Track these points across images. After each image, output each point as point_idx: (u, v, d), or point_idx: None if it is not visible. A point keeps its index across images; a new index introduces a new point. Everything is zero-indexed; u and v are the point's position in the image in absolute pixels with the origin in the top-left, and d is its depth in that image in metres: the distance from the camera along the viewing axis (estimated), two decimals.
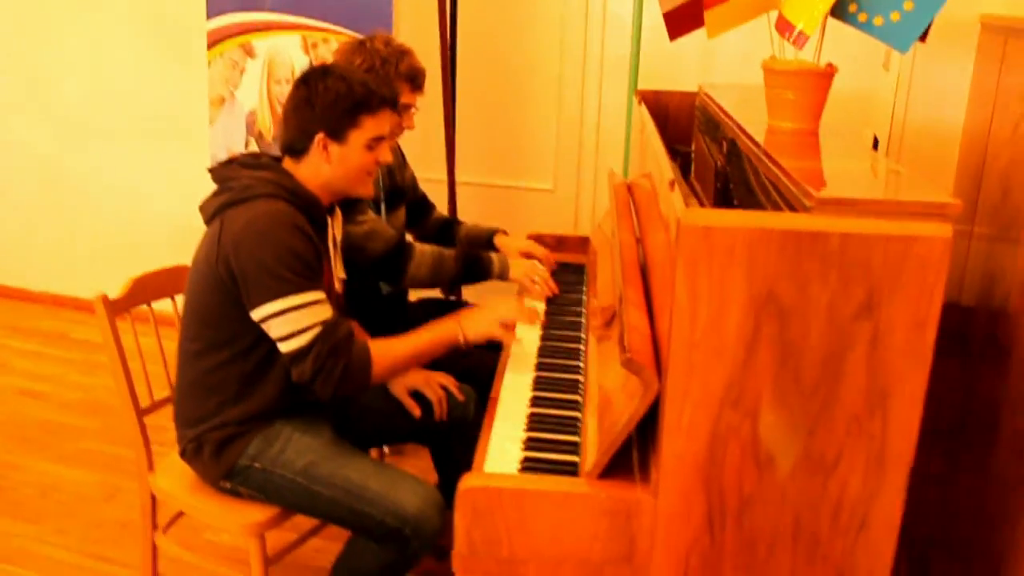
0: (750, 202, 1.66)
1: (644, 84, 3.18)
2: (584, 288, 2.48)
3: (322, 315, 1.78)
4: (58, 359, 3.80)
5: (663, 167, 1.69)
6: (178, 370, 1.94)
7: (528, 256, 2.53)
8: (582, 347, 2.08)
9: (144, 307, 2.12)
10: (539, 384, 1.89)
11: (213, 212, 1.83)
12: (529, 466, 1.55)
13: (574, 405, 1.80)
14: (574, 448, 1.62)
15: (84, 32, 4.02)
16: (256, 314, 1.77)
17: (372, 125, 1.86)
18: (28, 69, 4.17)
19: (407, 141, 2.58)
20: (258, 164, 1.86)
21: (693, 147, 2.64)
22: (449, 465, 2.26)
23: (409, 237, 2.72)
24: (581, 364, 1.99)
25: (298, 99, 1.85)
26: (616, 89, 3.42)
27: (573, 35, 3.42)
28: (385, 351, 1.87)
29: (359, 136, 1.85)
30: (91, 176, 4.19)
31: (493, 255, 2.40)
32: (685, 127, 2.74)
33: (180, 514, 2.16)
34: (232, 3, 3.08)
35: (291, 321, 1.75)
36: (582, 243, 2.84)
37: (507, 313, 1.98)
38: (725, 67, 3.27)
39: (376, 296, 2.49)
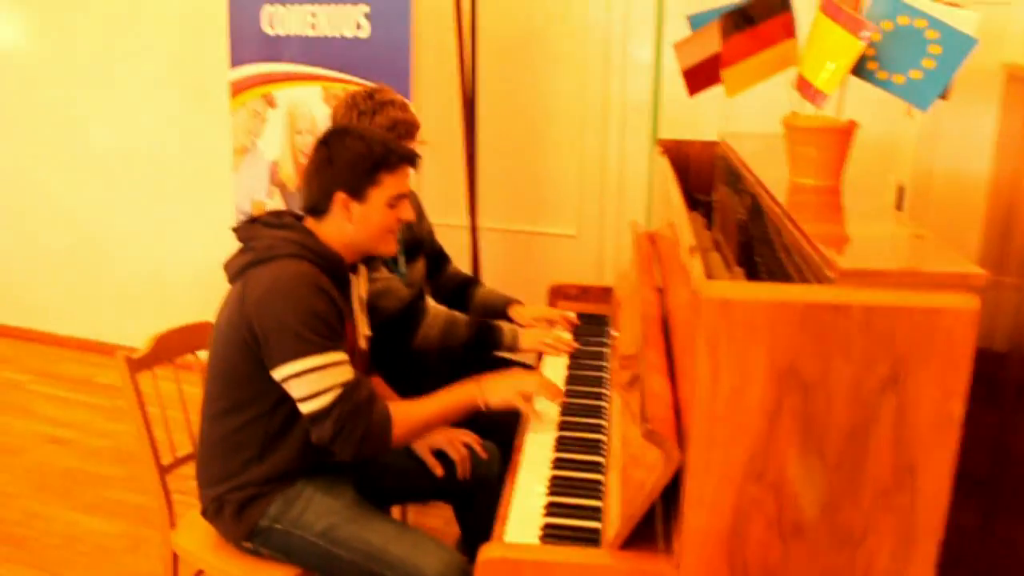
0: (773, 262, 1.65)
1: (666, 129, 3.19)
2: (607, 340, 2.46)
3: (343, 376, 1.77)
4: (84, 404, 3.82)
5: (683, 231, 1.67)
6: (201, 429, 1.95)
7: (543, 322, 2.53)
8: (605, 404, 2.06)
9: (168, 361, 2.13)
10: (562, 444, 1.87)
11: (236, 272, 1.84)
12: (551, 533, 1.53)
13: (597, 467, 1.78)
14: (596, 514, 1.60)
15: (112, 82, 4.09)
16: (277, 374, 1.77)
17: (392, 183, 1.87)
18: (58, 119, 4.24)
19: (428, 186, 2.59)
20: (280, 224, 1.88)
21: (715, 196, 2.63)
22: (472, 522, 2.24)
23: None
24: (604, 422, 1.97)
25: (319, 160, 1.86)
26: (638, 134, 3.43)
27: (594, 81, 3.43)
28: (405, 414, 1.87)
29: (379, 194, 1.86)
30: (117, 222, 4.25)
31: (505, 325, 2.40)
32: (707, 176, 2.73)
33: (201, 572, 2.15)
34: (253, 54, 3.12)
35: (311, 382, 1.75)
36: (605, 293, 2.82)
37: (529, 387, 1.96)
38: (748, 113, 3.25)
39: (403, 350, 2.48)
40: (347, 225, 1.87)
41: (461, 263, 3.36)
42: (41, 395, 3.91)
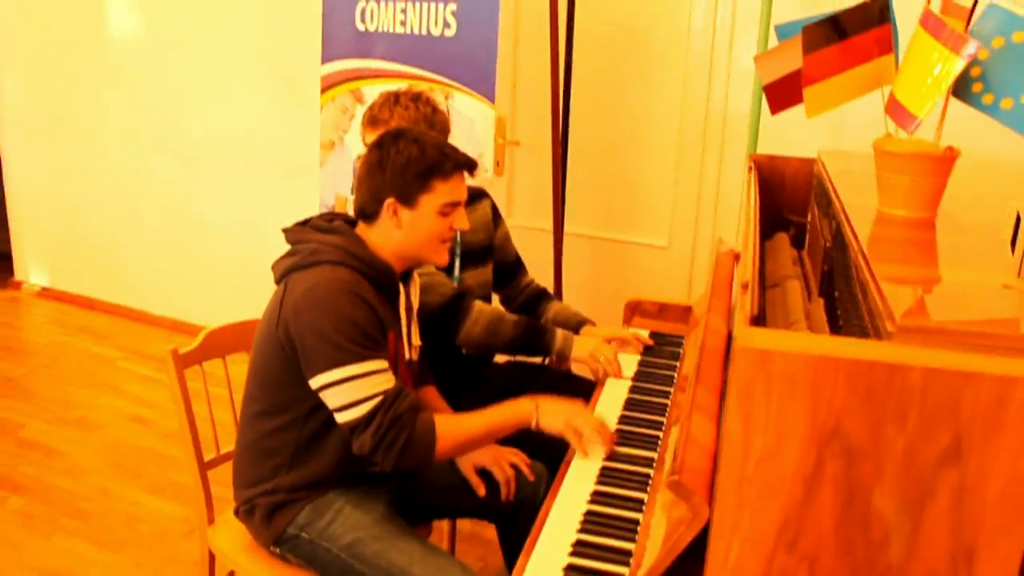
0: (849, 300, 1.49)
1: (768, 142, 3.00)
2: (677, 365, 2.32)
3: (382, 385, 1.71)
4: (168, 386, 3.88)
5: (745, 261, 1.53)
6: (239, 430, 1.91)
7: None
8: (661, 435, 1.93)
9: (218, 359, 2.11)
10: (605, 476, 1.75)
11: (281, 274, 1.80)
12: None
13: (638, 505, 1.65)
14: (626, 559, 1.48)
15: (214, 73, 4.16)
16: (314, 382, 1.71)
17: (445, 190, 1.79)
18: (165, 107, 4.35)
19: (518, 188, 2.50)
20: (329, 228, 1.82)
21: (808, 218, 2.45)
22: (514, 547, 2.14)
23: (496, 302, 2.64)
24: (656, 456, 1.84)
25: (371, 163, 1.80)
26: (738, 145, 3.25)
27: (695, 87, 3.27)
28: (451, 427, 1.78)
29: (430, 201, 1.78)
30: (213, 209, 4.32)
31: (559, 331, 2.27)
32: (802, 194, 2.55)
33: (233, 573, 2.12)
34: (345, 49, 3.09)
35: (349, 391, 1.69)
36: (685, 313, 2.68)
37: (584, 425, 1.82)
38: (857, 130, 3.05)
39: (458, 358, 2.41)
40: (396, 232, 1.80)
41: (545, 268, 3.27)
42: (129, 373, 4.01)
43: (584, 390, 2.54)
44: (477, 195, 2.53)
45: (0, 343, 4.29)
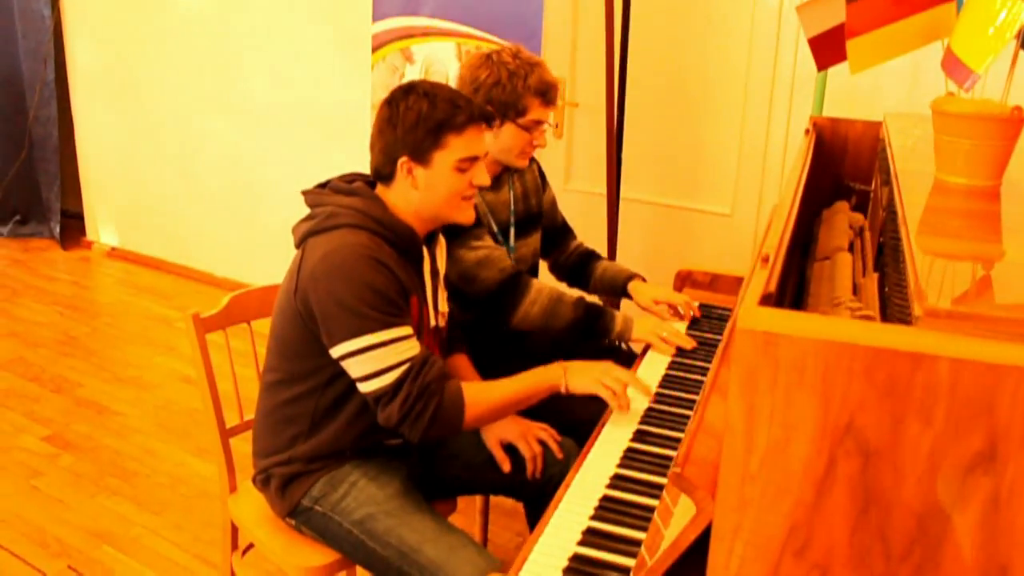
0: (895, 277, 1.35)
1: (838, 107, 2.81)
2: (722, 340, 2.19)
3: (408, 352, 1.64)
4: (221, 347, 3.91)
5: (773, 231, 1.39)
6: (259, 398, 1.86)
7: (663, 305, 2.27)
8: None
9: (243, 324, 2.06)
10: (627, 458, 1.64)
11: (299, 238, 1.73)
12: (575, 568, 1.33)
13: (657, 491, 1.54)
14: (635, 550, 1.38)
15: (268, 34, 4.12)
16: (336, 352, 1.64)
17: (460, 145, 1.69)
18: (220, 69, 4.33)
19: (577, 151, 2.38)
20: (349, 190, 1.74)
21: (872, 185, 2.28)
22: None
23: (544, 268, 2.53)
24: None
25: (382, 121, 1.71)
26: (808, 108, 3.05)
27: (762, 45, 3.09)
28: (480, 394, 1.72)
29: (445, 157, 1.69)
30: (270, 170, 4.30)
31: (617, 314, 2.15)
32: (867, 160, 2.37)
33: (251, 545, 2.09)
34: (395, 7, 3.00)
35: (373, 360, 1.62)
36: (738, 284, 2.53)
37: (619, 378, 1.77)
38: (938, 90, 2.82)
39: (496, 330, 2.30)
40: (413, 192, 1.71)
41: (599, 234, 3.15)
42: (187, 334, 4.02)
43: (627, 362, 2.43)
44: None
45: (68, 302, 4.37)
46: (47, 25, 4.71)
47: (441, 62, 2.94)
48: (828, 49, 1.64)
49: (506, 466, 1.87)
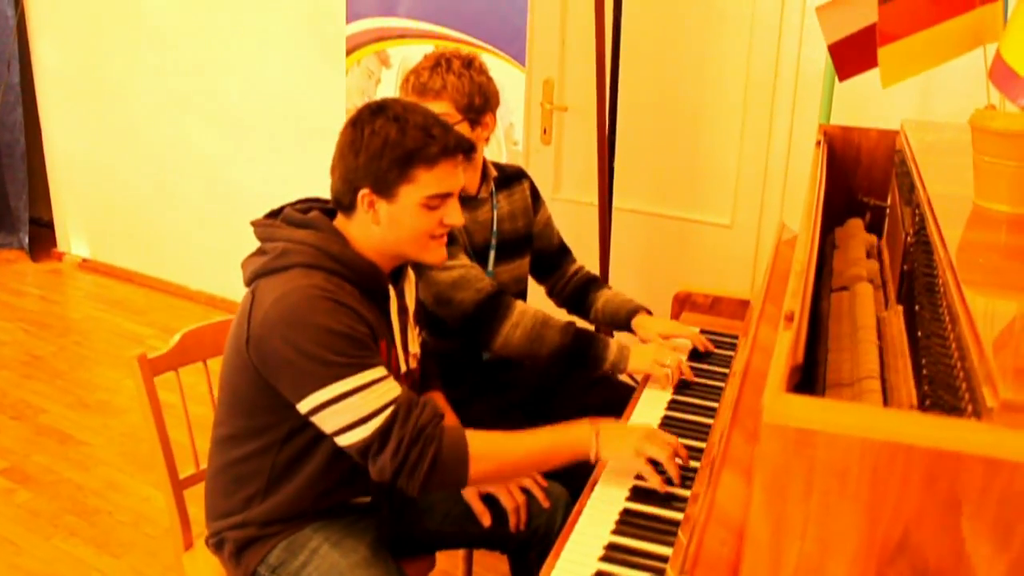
0: (934, 324, 1.15)
1: (845, 112, 2.62)
2: (727, 374, 1.99)
3: (389, 394, 1.42)
4: (198, 370, 3.71)
5: (798, 273, 1.19)
6: (209, 454, 1.66)
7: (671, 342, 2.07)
8: (696, 469, 1.61)
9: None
10: (623, 522, 1.44)
11: (249, 277, 1.53)
12: None
13: (660, 564, 1.35)
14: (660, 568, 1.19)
15: (242, 36, 3.92)
16: (304, 406, 1.42)
17: (430, 180, 1.48)
18: (194, 73, 4.13)
19: (567, 158, 2.17)
20: (303, 222, 1.53)
21: (889, 201, 2.09)
22: None
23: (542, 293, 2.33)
24: (688, 496, 1.53)
25: (344, 144, 1.50)
26: (812, 114, 2.86)
27: (763, 44, 2.89)
28: (489, 445, 1.47)
29: (412, 193, 1.48)
30: (246, 178, 4.11)
31: (612, 342, 1.94)
32: (882, 173, 2.18)
33: None
34: (370, 7, 2.81)
35: (350, 409, 1.40)
36: (741, 307, 2.34)
37: (660, 453, 1.48)
38: (955, 97, 2.63)
39: (475, 359, 2.11)
40: (374, 227, 1.51)
41: (590, 246, 2.95)
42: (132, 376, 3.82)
43: (625, 397, 2.24)
44: (514, 176, 2.20)
45: (35, 318, 4.17)
46: (10, 25, 4.50)
47: None
48: (852, 56, 1.45)
49: (486, 520, 1.67)
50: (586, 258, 2.98)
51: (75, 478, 2.90)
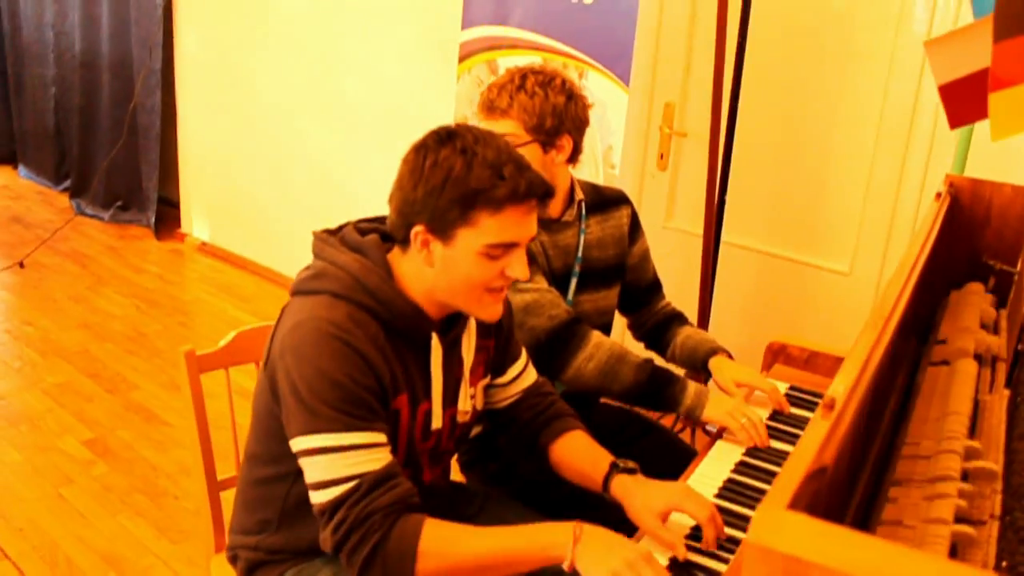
0: None
1: (985, 164, 2.37)
2: None
3: (364, 466, 1.27)
4: (250, 372, 3.75)
5: (856, 355, 1.03)
6: (240, 465, 1.60)
7: (744, 390, 1.90)
8: None
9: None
10: None
11: (291, 291, 1.44)
12: None
13: None
14: None
15: (366, 36, 3.92)
16: (292, 446, 1.33)
17: (492, 227, 1.31)
18: (318, 66, 4.17)
19: (682, 186, 2.02)
20: (356, 244, 1.40)
21: (1019, 267, 1.85)
22: None
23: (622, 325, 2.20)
24: None
25: (404, 171, 1.36)
26: (950, 165, 2.61)
27: (901, 84, 2.67)
28: (444, 544, 1.28)
29: (471, 238, 1.31)
30: (355, 179, 4.11)
31: (691, 385, 1.79)
32: (1013, 234, 1.95)
33: None
34: (485, 15, 2.74)
35: (322, 466, 1.28)
36: (839, 365, 2.13)
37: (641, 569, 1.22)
38: None
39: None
40: (427, 269, 1.36)
41: (697, 280, 2.80)
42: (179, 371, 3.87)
43: (682, 450, 2.08)
44: (613, 201, 2.06)
45: (147, 296, 4.29)
46: (158, 13, 4.66)
47: None
48: (964, 101, 1.26)
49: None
50: (691, 292, 2.83)
51: (151, 458, 2.93)
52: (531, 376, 1.67)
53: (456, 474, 2.03)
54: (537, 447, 1.62)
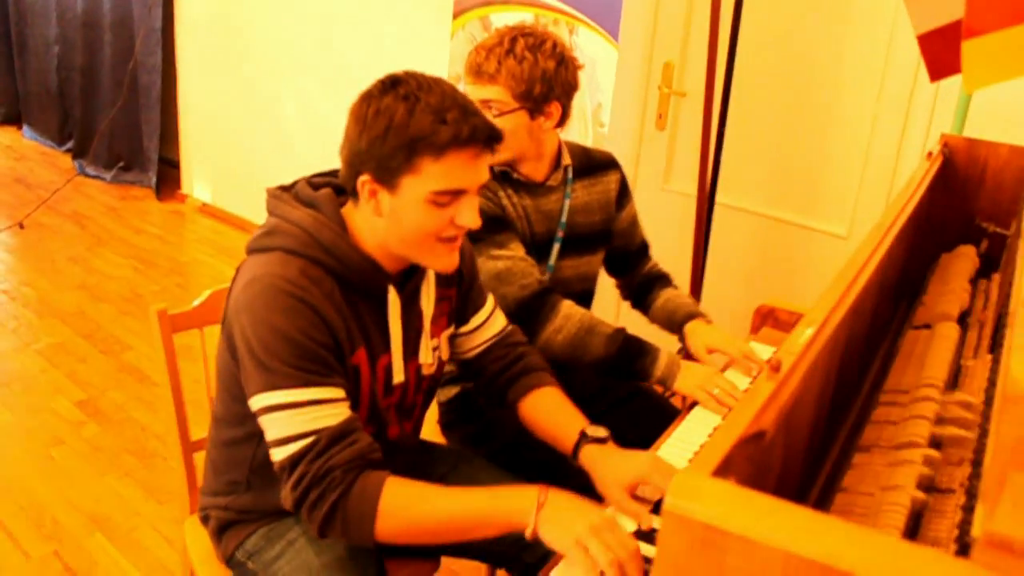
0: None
1: (985, 124, 2.31)
2: None
3: (321, 421, 1.25)
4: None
5: (809, 318, 0.98)
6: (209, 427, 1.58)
7: (716, 355, 1.86)
8: None
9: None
10: None
11: (247, 249, 1.41)
12: None
13: None
14: None
15: None
16: (251, 405, 1.30)
17: (436, 173, 1.27)
18: (318, 27, 4.11)
19: (680, 146, 1.96)
20: (310, 200, 1.38)
21: (1012, 229, 1.80)
22: None
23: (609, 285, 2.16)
24: None
25: (349, 121, 1.33)
26: (950, 120, 2.55)
27: (904, 44, 2.59)
28: (406, 502, 1.25)
29: (415, 186, 1.28)
30: None
31: (662, 356, 1.75)
32: (1008, 196, 1.89)
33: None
34: None
35: (280, 423, 1.26)
36: None
37: (600, 552, 1.15)
38: None
39: None
40: (377, 220, 1.33)
41: (690, 240, 2.75)
42: (151, 331, 3.86)
43: (668, 408, 2.04)
44: (601, 165, 2.01)
45: (145, 257, 4.28)
46: None
47: None
48: (943, 53, 1.20)
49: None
50: (687, 254, 2.79)
51: (142, 419, 2.93)
52: (498, 324, 1.64)
53: (437, 435, 2.01)
54: (506, 402, 1.59)
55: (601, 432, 1.47)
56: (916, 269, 1.81)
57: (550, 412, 1.54)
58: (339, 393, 1.28)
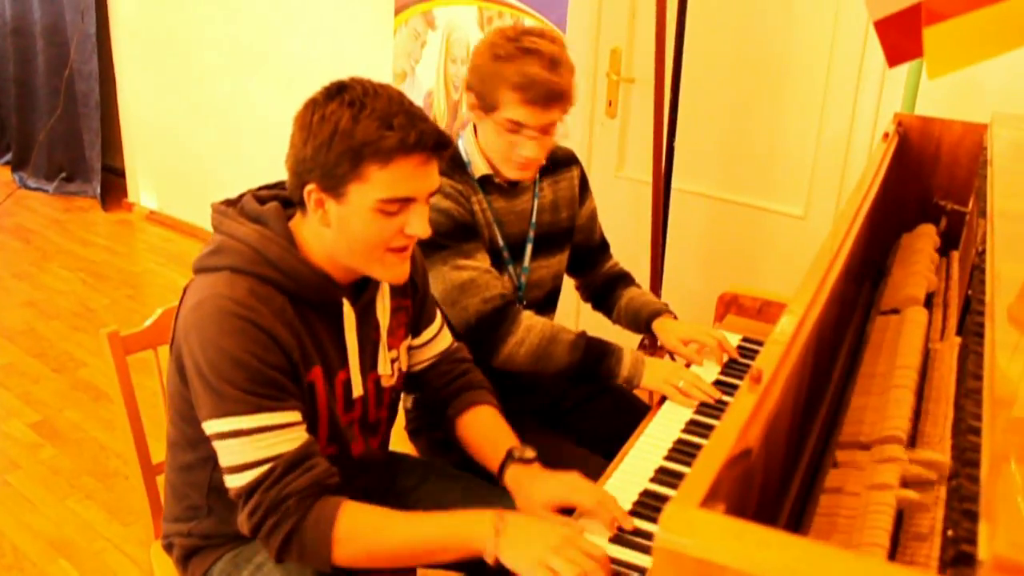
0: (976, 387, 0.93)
1: (938, 101, 2.32)
2: None
3: (277, 448, 1.23)
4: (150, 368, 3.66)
5: (784, 325, 0.97)
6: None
7: (694, 346, 1.85)
8: None
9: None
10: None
11: (193, 268, 1.36)
12: None
13: None
14: None
15: None
16: (204, 430, 1.27)
17: (384, 180, 1.25)
18: (260, 27, 4.02)
19: (632, 134, 1.94)
20: (256, 215, 1.34)
21: (969, 207, 1.81)
22: None
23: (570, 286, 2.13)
24: None
25: (294, 129, 1.30)
26: (899, 104, 2.56)
27: (852, 22, 2.59)
28: (362, 529, 1.25)
29: (363, 193, 1.25)
30: None
31: (626, 356, 1.74)
32: (964, 173, 1.90)
33: None
34: None
35: (235, 450, 1.23)
36: None
37: (565, 569, 1.15)
38: None
39: (486, 367, 1.91)
40: (325, 232, 1.30)
41: (645, 228, 2.74)
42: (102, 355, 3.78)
43: (639, 404, 2.03)
44: (564, 162, 1.99)
45: (95, 269, 4.17)
46: None
47: (462, 28, 2.56)
48: (901, 38, 1.19)
49: None
50: (645, 242, 2.77)
51: (100, 437, 2.86)
52: (445, 341, 1.63)
53: (405, 442, 1.97)
54: (446, 417, 1.57)
55: (528, 453, 1.46)
56: (878, 250, 1.81)
57: (482, 431, 1.54)
58: (294, 417, 1.25)
